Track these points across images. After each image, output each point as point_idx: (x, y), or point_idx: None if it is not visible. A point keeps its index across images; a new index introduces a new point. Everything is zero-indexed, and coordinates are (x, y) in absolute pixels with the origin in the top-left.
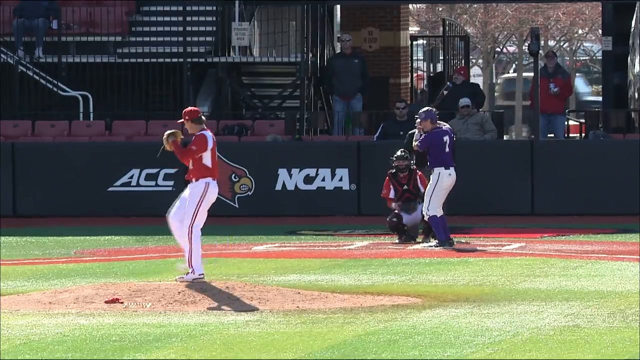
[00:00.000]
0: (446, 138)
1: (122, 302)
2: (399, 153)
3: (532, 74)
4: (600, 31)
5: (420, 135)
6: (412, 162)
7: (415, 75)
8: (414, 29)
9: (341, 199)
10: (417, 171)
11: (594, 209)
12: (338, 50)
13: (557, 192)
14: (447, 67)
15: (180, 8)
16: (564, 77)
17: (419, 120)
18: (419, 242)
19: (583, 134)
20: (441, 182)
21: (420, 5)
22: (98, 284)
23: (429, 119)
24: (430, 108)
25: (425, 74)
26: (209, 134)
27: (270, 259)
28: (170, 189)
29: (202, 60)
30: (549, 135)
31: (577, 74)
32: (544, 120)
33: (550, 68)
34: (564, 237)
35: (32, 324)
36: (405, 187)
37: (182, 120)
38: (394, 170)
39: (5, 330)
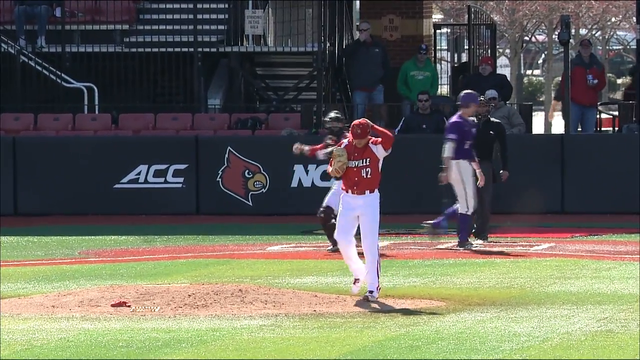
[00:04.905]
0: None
1: (129, 306)
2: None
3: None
4: (634, 19)
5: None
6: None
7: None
8: (437, 16)
9: None
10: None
11: (628, 207)
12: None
13: (588, 189)
14: (472, 57)
15: None
16: (599, 68)
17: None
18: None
19: (616, 128)
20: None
21: None
22: (104, 287)
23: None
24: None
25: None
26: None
27: (285, 260)
28: (179, 185)
29: (213, 49)
30: (578, 130)
31: None
32: (578, 112)
33: (586, 58)
34: (596, 236)
35: (34, 328)
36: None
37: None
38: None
39: (6, 335)
